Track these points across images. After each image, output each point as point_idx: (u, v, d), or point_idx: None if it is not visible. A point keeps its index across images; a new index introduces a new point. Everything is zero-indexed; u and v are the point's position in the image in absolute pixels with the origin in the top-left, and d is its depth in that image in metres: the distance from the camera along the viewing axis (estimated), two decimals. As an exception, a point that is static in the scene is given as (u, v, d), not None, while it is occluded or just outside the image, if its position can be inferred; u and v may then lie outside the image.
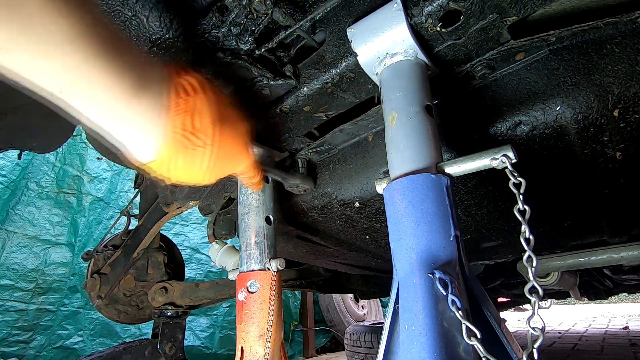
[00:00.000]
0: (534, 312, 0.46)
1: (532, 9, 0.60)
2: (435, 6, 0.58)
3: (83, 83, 0.42)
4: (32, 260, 2.85)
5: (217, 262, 1.20)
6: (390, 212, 0.56)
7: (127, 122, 0.48)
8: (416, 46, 0.62)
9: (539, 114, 0.69)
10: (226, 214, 1.16)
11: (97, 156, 3.27)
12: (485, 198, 0.93)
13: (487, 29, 0.63)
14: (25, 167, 2.92)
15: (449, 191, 0.54)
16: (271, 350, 0.75)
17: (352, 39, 0.65)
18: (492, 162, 0.53)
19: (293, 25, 0.67)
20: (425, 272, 0.49)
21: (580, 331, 4.51)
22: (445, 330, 0.45)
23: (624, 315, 6.56)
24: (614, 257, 1.28)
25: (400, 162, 0.57)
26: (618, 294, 3.09)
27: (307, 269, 1.89)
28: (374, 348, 2.60)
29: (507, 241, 1.24)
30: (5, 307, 2.66)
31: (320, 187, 1.00)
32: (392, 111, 0.61)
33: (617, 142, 0.70)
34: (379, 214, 1.01)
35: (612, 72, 0.63)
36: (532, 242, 0.48)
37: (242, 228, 0.87)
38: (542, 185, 0.86)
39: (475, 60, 0.71)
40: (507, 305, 3.48)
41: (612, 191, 0.87)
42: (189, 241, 3.58)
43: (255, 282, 0.81)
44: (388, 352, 0.51)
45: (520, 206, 0.50)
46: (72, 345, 2.84)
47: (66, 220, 3.10)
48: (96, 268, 1.65)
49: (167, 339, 1.51)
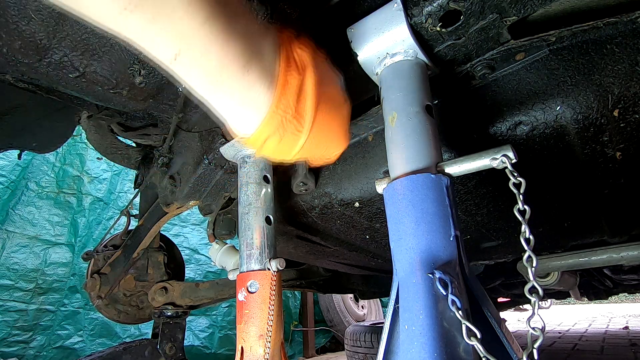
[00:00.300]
0: (534, 312, 0.46)
1: (532, 9, 0.60)
2: (435, 6, 0.58)
3: (197, 49, 0.40)
4: (32, 260, 2.85)
5: (217, 262, 1.20)
6: (390, 212, 0.56)
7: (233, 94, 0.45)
8: (416, 46, 0.62)
9: (539, 114, 0.69)
10: (226, 214, 1.16)
11: (97, 156, 3.27)
12: (485, 198, 0.93)
13: (487, 29, 0.63)
14: (25, 167, 2.92)
15: (449, 191, 0.54)
16: (271, 350, 0.75)
17: (352, 38, 0.65)
18: (492, 162, 0.53)
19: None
20: (425, 272, 0.49)
21: (580, 331, 4.51)
22: (445, 330, 0.45)
23: (624, 315, 6.56)
24: (614, 257, 1.28)
25: (400, 162, 0.57)
26: (618, 294, 3.09)
27: (307, 269, 1.89)
28: (374, 348, 2.60)
29: (507, 241, 1.24)
30: (5, 307, 2.66)
31: (320, 187, 1.00)
32: (392, 111, 0.61)
33: (617, 142, 0.70)
34: (379, 214, 1.01)
35: (612, 72, 0.63)
36: (532, 242, 0.48)
37: (242, 228, 0.87)
38: (542, 185, 0.86)
39: (475, 60, 0.71)
40: (507, 305, 3.48)
41: (612, 191, 0.87)
42: (188, 242, 3.59)
43: (255, 282, 0.81)
44: (388, 352, 0.51)
45: (520, 206, 0.50)
46: (72, 345, 2.84)
47: (66, 220, 3.10)
48: (96, 268, 1.65)
49: (167, 339, 1.51)
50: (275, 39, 0.48)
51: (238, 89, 0.45)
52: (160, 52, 0.40)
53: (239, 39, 0.42)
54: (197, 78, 0.43)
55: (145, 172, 1.53)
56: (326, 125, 0.55)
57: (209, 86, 0.44)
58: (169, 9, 0.36)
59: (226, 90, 0.45)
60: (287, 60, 0.49)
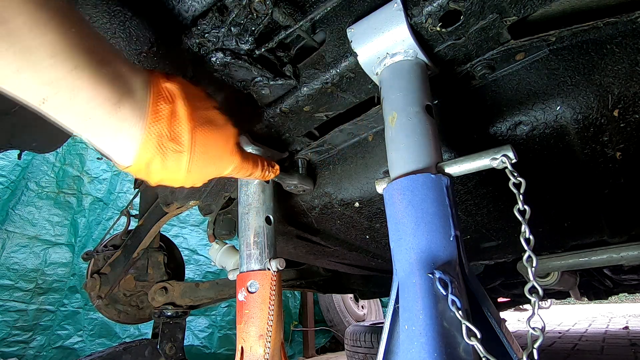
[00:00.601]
0: (534, 312, 0.46)
1: (532, 9, 0.60)
2: (435, 6, 0.58)
3: (66, 95, 0.43)
4: (32, 260, 2.85)
5: (217, 262, 1.20)
6: (390, 212, 0.56)
7: (107, 129, 0.49)
8: (416, 46, 0.62)
9: (539, 114, 0.69)
10: (226, 214, 1.16)
11: (97, 156, 3.27)
12: (485, 198, 0.93)
13: (487, 29, 0.63)
14: (25, 167, 2.92)
15: (449, 191, 0.54)
16: (271, 350, 0.75)
17: (352, 39, 0.65)
18: (492, 162, 0.53)
19: (293, 25, 0.67)
20: (425, 272, 0.49)
21: (580, 331, 4.51)
22: (445, 330, 0.45)
23: (624, 315, 6.56)
24: (614, 257, 1.28)
25: (400, 162, 0.57)
26: (618, 294, 3.09)
27: (307, 269, 1.89)
28: (374, 348, 2.60)
29: (507, 241, 1.24)
30: (5, 307, 2.66)
31: (320, 187, 1.00)
32: (392, 111, 0.61)
33: (617, 142, 0.70)
34: (379, 214, 1.01)
35: (612, 72, 0.63)
36: (532, 242, 0.48)
37: (242, 228, 0.87)
38: (542, 185, 0.86)
39: (475, 60, 0.71)
40: (507, 305, 3.48)
41: (612, 191, 0.87)
42: (187, 243, 3.59)
43: (255, 282, 0.81)
44: (388, 352, 0.51)
45: (520, 206, 0.50)
46: (72, 345, 2.84)
47: (66, 220, 3.10)
48: (96, 268, 1.65)
49: (167, 339, 1.51)
50: (145, 78, 0.53)
51: (111, 125, 0.49)
52: (28, 97, 0.42)
53: (108, 82, 0.46)
54: (68, 119, 0.46)
55: (145, 172, 1.52)
56: (209, 142, 0.60)
57: (81, 126, 0.47)
58: (34, 61, 0.39)
59: (99, 128, 0.48)
60: (156, 94, 0.53)
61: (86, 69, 0.43)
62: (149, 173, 0.56)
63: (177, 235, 3.54)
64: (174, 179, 0.60)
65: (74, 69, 0.42)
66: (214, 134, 0.61)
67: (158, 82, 0.55)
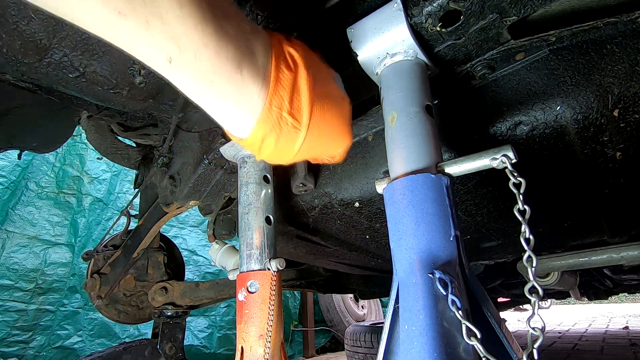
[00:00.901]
0: (534, 312, 0.46)
1: (532, 9, 0.60)
2: (435, 6, 0.58)
3: (190, 53, 0.39)
4: (32, 260, 2.85)
5: (217, 262, 1.20)
6: (390, 212, 0.56)
7: (229, 96, 0.45)
8: (416, 46, 0.62)
9: (539, 114, 0.69)
10: (226, 214, 1.16)
11: (97, 157, 3.27)
12: (485, 198, 0.93)
13: (487, 29, 0.63)
14: (25, 168, 2.92)
15: (449, 191, 0.54)
16: (271, 350, 0.75)
17: (352, 38, 0.65)
18: (492, 162, 0.53)
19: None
20: (425, 272, 0.49)
21: (580, 331, 4.52)
22: (445, 330, 0.45)
23: (624, 315, 6.56)
24: (614, 257, 1.28)
25: (400, 162, 0.57)
26: (618, 294, 3.09)
27: (307, 269, 1.89)
28: (374, 348, 2.60)
29: (507, 241, 1.24)
30: (5, 307, 2.66)
31: (320, 187, 1.00)
32: (392, 111, 0.61)
33: (617, 142, 0.70)
34: (379, 214, 1.01)
35: (612, 72, 0.63)
36: (532, 242, 0.48)
37: (242, 228, 0.87)
38: (542, 185, 0.86)
39: (475, 60, 0.71)
40: (507, 305, 3.48)
41: (612, 191, 0.87)
42: (186, 244, 3.59)
43: (255, 282, 0.81)
44: (388, 352, 0.51)
45: (520, 206, 0.50)
46: (72, 345, 2.84)
47: (66, 220, 3.10)
48: (96, 268, 1.65)
49: (167, 339, 1.51)
50: (266, 40, 0.48)
51: (232, 90, 0.44)
52: (155, 57, 0.39)
53: (231, 41, 0.42)
54: (191, 82, 0.43)
55: (145, 172, 1.53)
56: (325, 121, 0.54)
57: (204, 89, 0.43)
58: (162, 13, 0.36)
59: (220, 93, 0.44)
60: (278, 59, 0.48)
61: (210, 24, 0.39)
62: (261, 148, 0.51)
63: (176, 236, 3.54)
64: (280, 158, 0.55)
65: (198, 23, 0.38)
66: (332, 111, 0.55)
67: (280, 46, 0.49)
